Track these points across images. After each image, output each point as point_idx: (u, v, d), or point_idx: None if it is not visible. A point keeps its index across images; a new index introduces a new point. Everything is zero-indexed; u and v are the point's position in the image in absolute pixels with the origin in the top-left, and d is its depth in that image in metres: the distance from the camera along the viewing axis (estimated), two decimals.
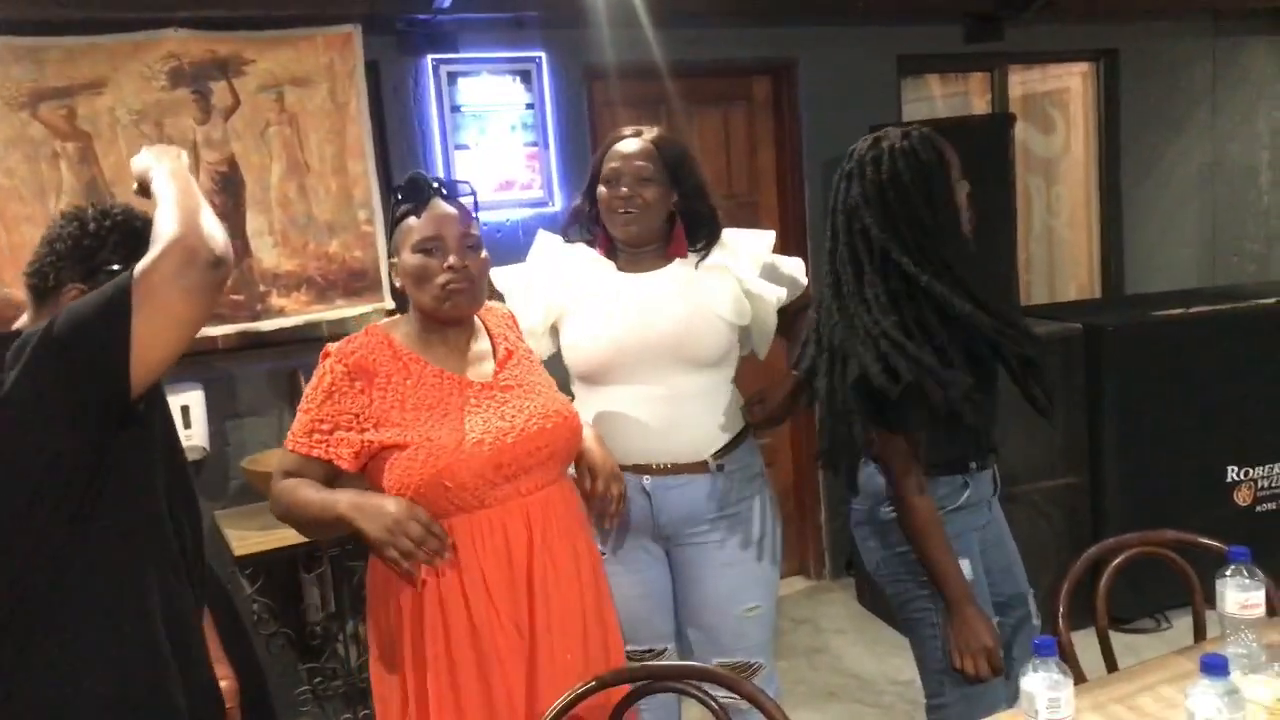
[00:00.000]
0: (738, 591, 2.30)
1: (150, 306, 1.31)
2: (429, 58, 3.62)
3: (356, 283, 3.45)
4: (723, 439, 2.29)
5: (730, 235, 2.39)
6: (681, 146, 2.38)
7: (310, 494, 1.83)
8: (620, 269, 2.34)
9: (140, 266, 1.34)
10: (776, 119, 4.31)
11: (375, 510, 1.76)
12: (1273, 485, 3.95)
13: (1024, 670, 1.51)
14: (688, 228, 2.35)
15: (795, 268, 2.42)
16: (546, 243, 2.45)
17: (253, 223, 3.32)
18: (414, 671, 1.86)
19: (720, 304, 2.29)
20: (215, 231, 1.39)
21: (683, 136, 3.96)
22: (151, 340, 1.32)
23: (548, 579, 1.89)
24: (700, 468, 2.27)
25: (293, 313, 3.37)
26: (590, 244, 2.39)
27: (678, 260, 2.34)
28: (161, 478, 1.55)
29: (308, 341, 3.59)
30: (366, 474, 1.89)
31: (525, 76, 3.75)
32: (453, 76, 3.65)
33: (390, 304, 3.55)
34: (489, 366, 1.98)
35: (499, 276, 2.34)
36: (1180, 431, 3.82)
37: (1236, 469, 3.89)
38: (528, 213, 3.80)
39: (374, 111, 3.50)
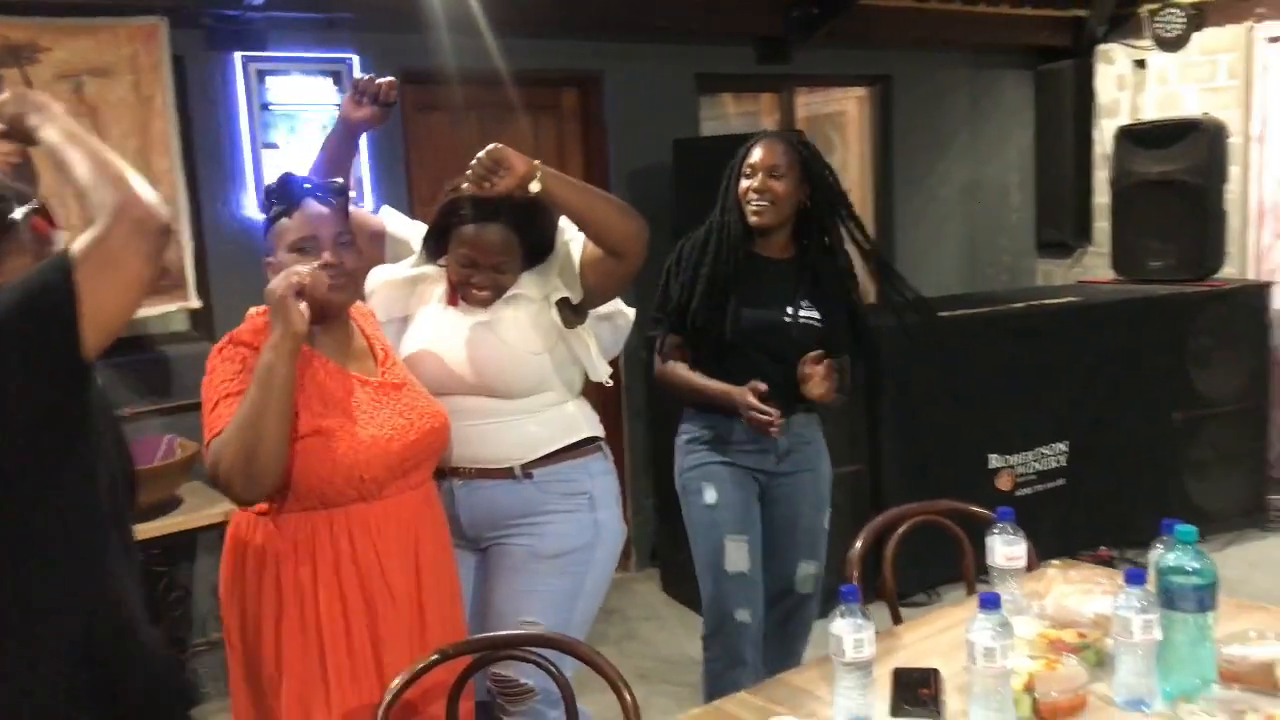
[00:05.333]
0: (517, 601, 2.23)
1: (111, 272, 1.35)
2: (237, 54, 3.57)
3: (160, 281, 3.36)
4: (537, 451, 2.26)
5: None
6: (541, 210, 2.22)
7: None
8: (446, 299, 2.32)
9: (93, 236, 1.36)
10: (584, 130, 4.48)
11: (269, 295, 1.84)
12: (1029, 472, 4.42)
13: (831, 617, 1.71)
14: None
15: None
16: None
17: None
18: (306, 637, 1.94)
19: (527, 337, 2.24)
20: (155, 197, 1.43)
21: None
22: (113, 305, 1.37)
23: (430, 566, 2.03)
24: (506, 474, 2.25)
25: None
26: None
27: None
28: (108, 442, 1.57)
29: None
30: None
31: (337, 78, 3.76)
32: (262, 74, 3.62)
33: (196, 303, 3.48)
34: (371, 364, 2.07)
35: (398, 220, 2.40)
36: (949, 423, 4.22)
37: (998, 457, 4.33)
38: None
39: (179, 107, 3.43)
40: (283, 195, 1.98)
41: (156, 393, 3.43)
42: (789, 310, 2.70)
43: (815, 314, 2.73)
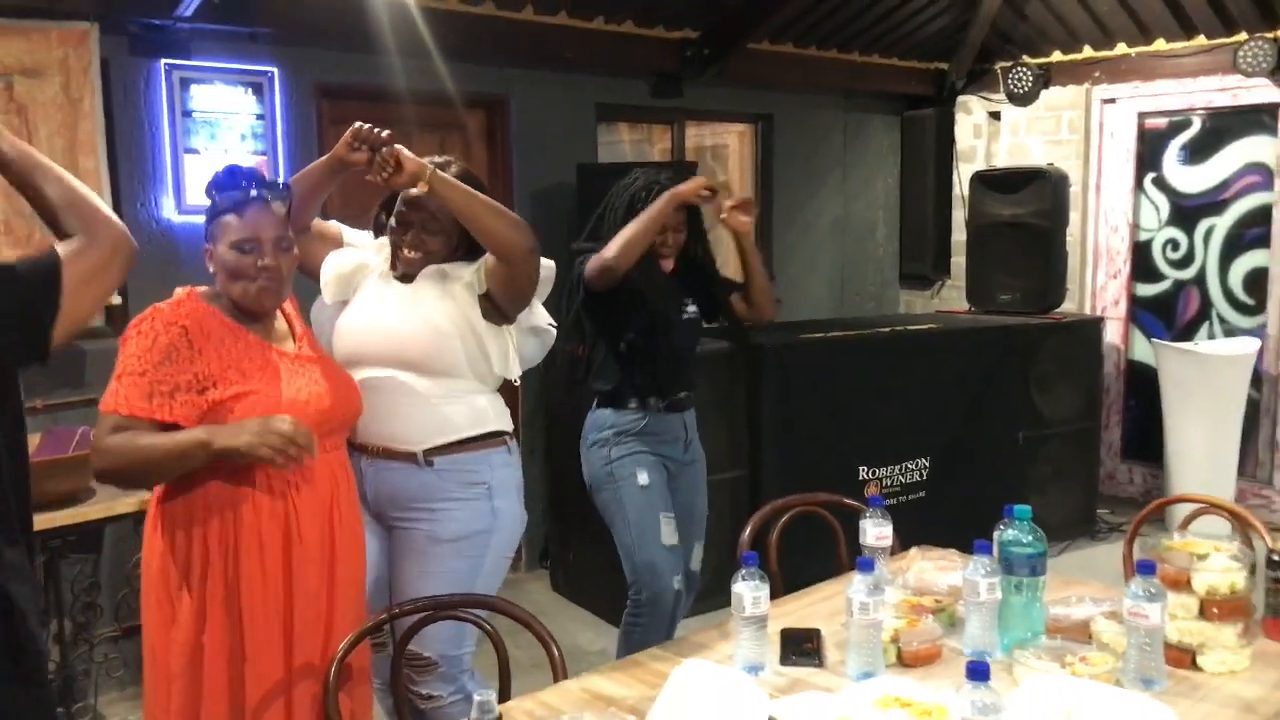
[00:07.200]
0: (419, 582, 2.39)
1: (89, 286, 1.58)
2: (162, 62, 3.70)
3: None
4: (439, 439, 2.42)
5: None
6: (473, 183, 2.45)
7: (156, 437, 1.96)
8: (390, 268, 2.53)
9: (76, 249, 1.57)
10: (490, 150, 4.72)
11: (235, 427, 1.95)
12: (894, 483, 4.81)
13: (734, 579, 2.00)
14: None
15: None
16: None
17: None
18: (221, 597, 2.04)
19: (435, 310, 2.42)
20: (123, 225, 1.66)
21: None
22: (82, 312, 1.58)
23: (344, 528, 2.18)
24: (409, 458, 2.42)
25: None
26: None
27: (434, 267, 2.48)
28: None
29: None
30: None
31: (257, 89, 3.92)
32: (185, 82, 3.75)
33: (115, 299, 3.57)
34: (290, 342, 2.22)
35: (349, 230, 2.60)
36: (824, 437, 4.56)
37: (867, 468, 4.71)
38: None
39: (104, 110, 3.53)
40: (231, 190, 2.09)
41: (71, 385, 3.51)
42: (681, 309, 3.18)
43: (695, 309, 3.23)
